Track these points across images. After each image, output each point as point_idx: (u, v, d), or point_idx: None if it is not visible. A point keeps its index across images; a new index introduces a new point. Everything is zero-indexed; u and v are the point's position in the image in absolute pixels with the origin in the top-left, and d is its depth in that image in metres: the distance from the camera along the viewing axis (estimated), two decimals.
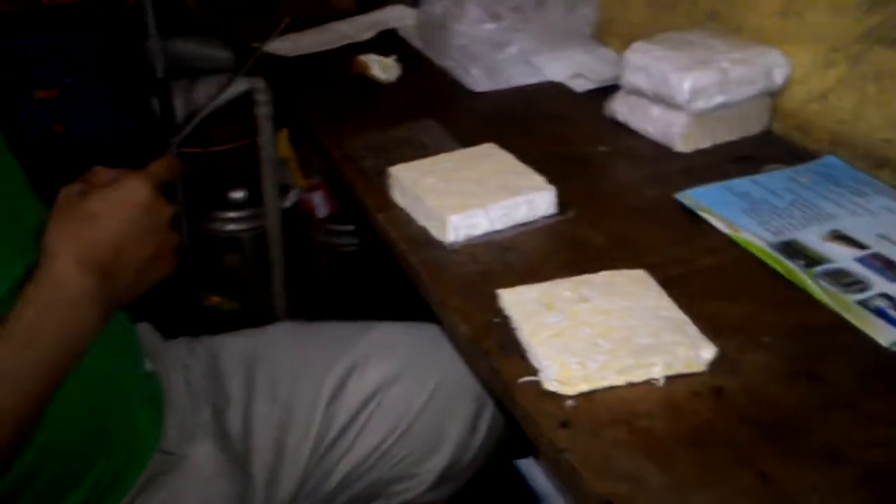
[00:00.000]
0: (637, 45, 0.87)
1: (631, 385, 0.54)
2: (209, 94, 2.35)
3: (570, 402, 0.53)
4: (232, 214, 2.24)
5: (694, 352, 0.55)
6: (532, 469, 1.06)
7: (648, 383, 0.55)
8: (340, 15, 1.34)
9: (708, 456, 0.49)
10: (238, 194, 2.22)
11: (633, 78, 0.87)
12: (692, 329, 0.57)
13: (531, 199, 0.73)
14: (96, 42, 2.25)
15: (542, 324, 0.58)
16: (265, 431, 0.89)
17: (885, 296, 0.62)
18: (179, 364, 0.91)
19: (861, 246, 0.68)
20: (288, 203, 2.03)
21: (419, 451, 0.95)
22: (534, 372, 0.55)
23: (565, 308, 0.59)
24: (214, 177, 2.32)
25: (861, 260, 0.66)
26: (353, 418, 0.93)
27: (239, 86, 2.14)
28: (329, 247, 2.00)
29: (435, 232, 0.72)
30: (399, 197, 0.78)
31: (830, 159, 0.81)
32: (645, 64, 0.85)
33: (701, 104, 0.81)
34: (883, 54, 0.74)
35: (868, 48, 0.75)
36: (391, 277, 1.84)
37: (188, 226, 2.45)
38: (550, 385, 0.54)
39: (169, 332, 0.99)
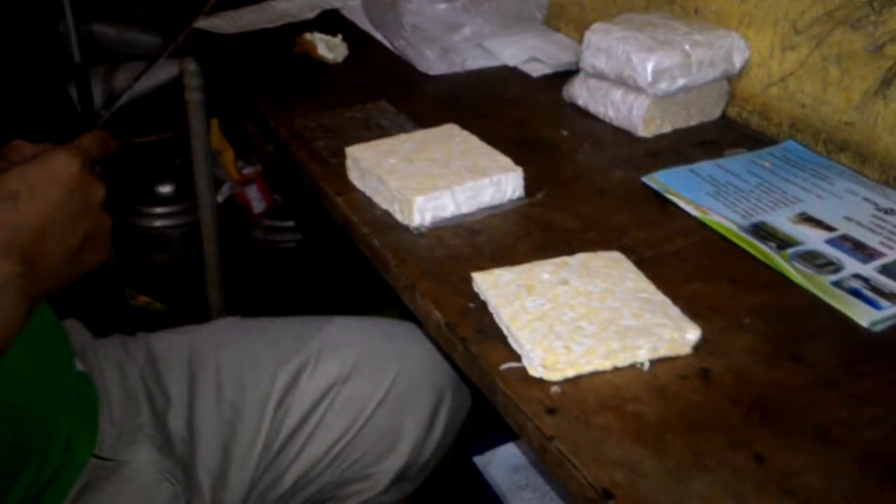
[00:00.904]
0: (598, 26, 0.86)
1: (616, 369, 0.53)
2: (132, 81, 2.26)
3: (555, 389, 0.51)
4: (159, 210, 2.15)
5: (679, 334, 0.53)
6: (489, 465, 1.04)
7: (633, 367, 0.53)
8: None
9: (701, 439, 0.47)
10: (166, 189, 2.14)
11: (593, 60, 0.86)
12: (674, 311, 0.55)
13: (498, 181, 0.71)
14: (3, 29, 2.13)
15: (523, 307, 0.56)
16: (211, 434, 0.84)
17: (859, 276, 0.61)
18: (114, 363, 0.85)
19: (829, 228, 0.67)
20: (220, 197, 1.96)
21: (375, 452, 0.92)
22: (516, 358, 0.53)
23: (546, 291, 0.57)
24: (139, 170, 2.23)
25: (831, 242, 0.66)
26: (305, 419, 0.88)
27: (168, 69, 2.06)
28: (267, 244, 1.94)
29: (399, 215, 0.69)
30: (357, 179, 0.75)
31: (790, 144, 0.81)
32: (606, 45, 0.84)
33: (664, 86, 0.80)
34: (845, 35, 0.74)
35: (830, 30, 0.75)
36: (334, 274, 1.81)
37: (112, 221, 2.34)
38: (535, 371, 0.51)
39: (94, 332, 0.93)
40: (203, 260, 1.77)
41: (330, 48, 1.04)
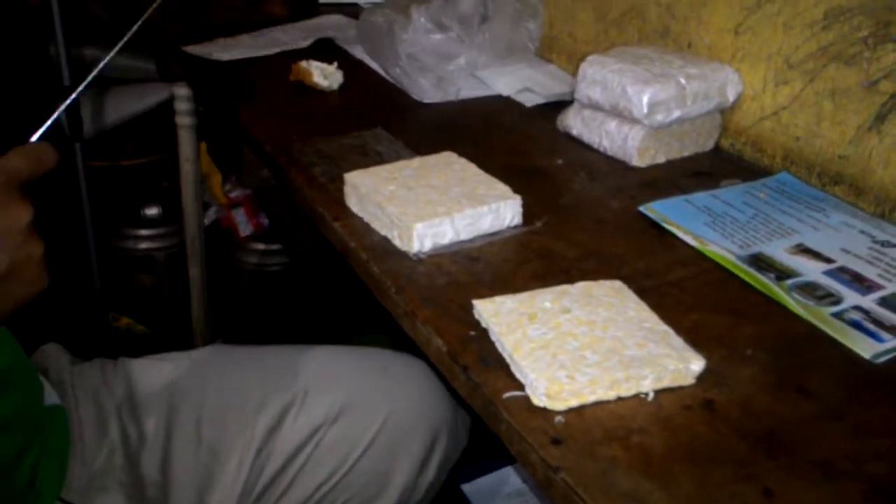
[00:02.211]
0: (593, 58, 0.86)
1: (620, 399, 0.52)
2: (120, 105, 2.26)
3: (559, 419, 0.50)
4: (145, 232, 2.14)
5: (683, 364, 0.53)
6: (478, 493, 1.03)
7: (637, 397, 0.52)
8: (273, 22, 1.29)
9: (708, 472, 0.47)
10: (152, 211, 2.13)
11: (588, 91, 0.86)
12: (677, 341, 0.55)
13: (497, 208, 0.71)
14: None
15: (525, 336, 0.55)
16: (186, 478, 0.80)
17: (859, 308, 0.61)
18: (90, 394, 0.82)
19: (827, 260, 0.68)
20: (207, 220, 1.95)
21: (362, 496, 0.87)
22: (519, 387, 0.53)
23: (548, 319, 0.57)
24: (125, 192, 2.21)
25: (829, 273, 0.66)
26: (289, 462, 0.84)
27: (158, 94, 2.06)
28: (252, 267, 1.93)
29: (398, 241, 0.69)
30: (356, 205, 0.74)
31: (784, 176, 0.81)
32: (602, 77, 0.84)
33: (659, 118, 0.81)
34: (839, 71, 0.75)
35: (824, 66, 0.76)
36: (320, 298, 1.79)
37: (95, 242, 2.33)
38: (539, 400, 0.51)
39: (75, 355, 0.90)
40: (188, 282, 1.76)
41: (325, 76, 1.04)
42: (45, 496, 0.70)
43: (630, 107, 0.82)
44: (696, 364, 0.53)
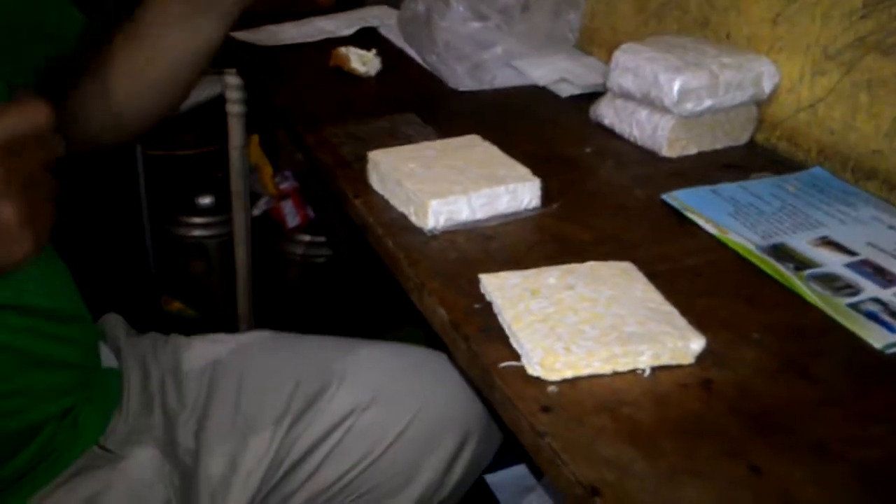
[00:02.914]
0: (627, 46, 0.86)
1: (616, 374, 0.52)
2: None
3: (552, 388, 0.50)
4: (198, 220, 2.19)
5: (683, 343, 0.52)
6: (502, 485, 1.03)
7: (634, 373, 0.52)
8: (320, 12, 1.31)
9: (696, 446, 0.46)
10: (205, 200, 2.18)
11: (620, 79, 0.86)
12: (680, 320, 0.54)
13: (515, 189, 0.71)
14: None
15: (527, 309, 0.55)
16: (219, 443, 0.82)
17: (877, 300, 0.60)
18: (139, 363, 0.86)
19: (851, 252, 0.66)
20: (257, 211, 1.99)
21: (387, 486, 0.87)
22: (516, 357, 0.53)
23: (551, 294, 0.57)
24: (181, 181, 2.27)
25: (851, 266, 0.64)
26: (319, 442, 0.85)
27: (214, 86, 2.10)
28: (299, 258, 1.96)
29: (414, 218, 0.70)
30: (377, 182, 0.75)
31: (817, 170, 0.80)
32: (634, 65, 0.84)
33: (689, 106, 0.80)
34: (877, 62, 0.73)
35: (861, 56, 0.74)
36: (361, 290, 1.81)
37: (151, 229, 2.39)
38: (533, 370, 0.51)
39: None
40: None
41: (363, 62, 1.06)
42: (84, 437, 0.74)
43: (661, 95, 0.81)
44: (696, 343, 0.53)
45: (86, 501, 0.71)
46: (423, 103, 0.99)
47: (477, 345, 0.54)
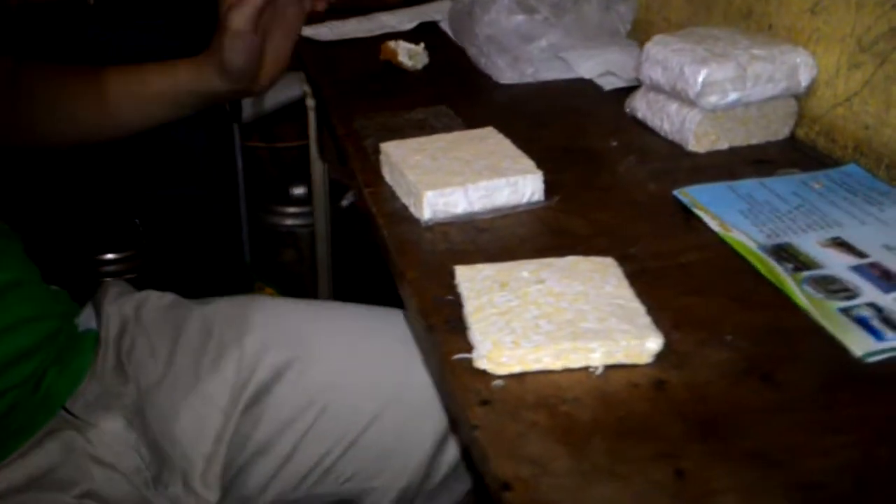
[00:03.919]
0: (658, 38, 0.84)
1: (568, 371, 0.51)
2: (277, 91, 2.39)
3: (497, 382, 0.50)
4: (291, 210, 2.26)
5: (638, 341, 0.51)
6: None
7: (586, 371, 0.51)
8: (385, 7, 1.33)
9: (628, 447, 0.45)
10: (299, 190, 2.25)
11: (650, 72, 0.83)
12: (644, 319, 0.53)
13: (515, 182, 0.70)
14: (170, 36, 2.32)
15: (490, 302, 0.55)
16: (185, 409, 0.81)
17: (873, 305, 0.56)
18: (121, 323, 0.86)
19: (861, 255, 0.62)
20: (346, 202, 2.03)
21: (370, 470, 0.85)
22: (471, 349, 0.52)
23: (518, 288, 0.56)
24: (279, 172, 2.35)
25: (857, 268, 0.61)
26: (290, 423, 0.83)
27: (298, 86, 2.17)
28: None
29: (413, 209, 0.70)
30: (388, 174, 0.76)
31: (852, 167, 0.75)
32: (663, 57, 0.81)
33: (713, 99, 0.77)
34: None
35: (894, 48, 0.69)
36: None
37: (248, 217, 2.49)
38: (481, 363, 0.51)
39: None
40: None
41: (410, 56, 1.07)
42: (50, 404, 0.76)
43: (686, 87, 0.78)
44: (653, 342, 0.51)
45: (46, 471, 0.72)
46: (463, 96, 0.99)
47: (439, 335, 0.55)
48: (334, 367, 0.85)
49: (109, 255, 2.21)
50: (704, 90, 0.76)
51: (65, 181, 2.09)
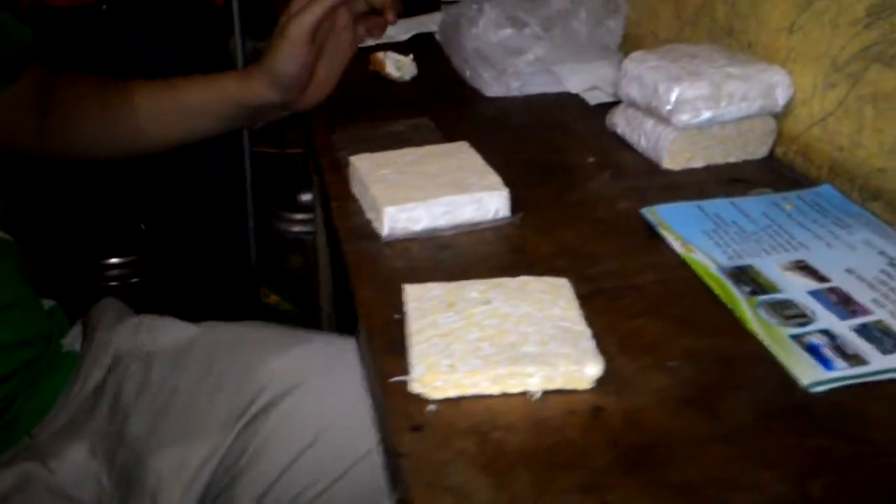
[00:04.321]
0: (636, 55, 0.83)
1: (505, 395, 0.50)
2: None
3: (431, 407, 0.49)
4: (298, 216, 2.26)
5: (577, 367, 0.50)
6: None
7: (524, 396, 0.50)
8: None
9: (554, 477, 0.44)
10: (306, 197, 2.25)
11: (628, 88, 0.83)
12: (587, 343, 0.52)
13: (480, 199, 0.70)
14: (180, 39, 2.34)
15: (433, 322, 0.54)
16: (170, 439, 0.79)
17: (827, 332, 0.55)
18: (105, 346, 0.85)
19: (823, 279, 0.61)
20: None
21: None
22: (408, 372, 0.52)
23: (464, 309, 0.56)
24: (287, 178, 2.35)
25: (816, 293, 0.59)
26: (277, 456, 0.79)
27: None
28: None
29: (376, 224, 0.70)
30: (356, 187, 0.76)
31: (826, 188, 0.74)
32: (639, 74, 0.81)
33: (686, 117, 0.76)
34: (880, 74, 0.67)
35: (866, 67, 0.68)
36: None
37: (254, 223, 2.49)
38: (414, 386, 0.50)
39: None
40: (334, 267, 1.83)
41: (398, 67, 1.07)
42: (14, 432, 0.76)
43: (660, 105, 0.78)
44: (593, 368, 0.50)
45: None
46: (449, 108, 0.99)
47: (380, 357, 0.54)
48: (329, 401, 0.82)
49: (114, 260, 2.23)
50: (677, 108, 0.75)
51: (70, 186, 2.11)
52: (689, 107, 0.76)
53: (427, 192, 0.69)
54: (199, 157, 2.31)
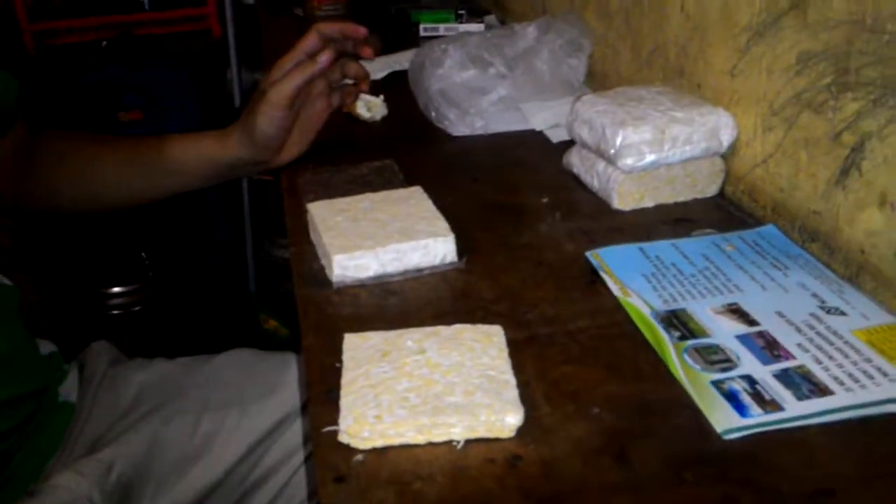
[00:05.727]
0: (587, 98, 0.85)
1: (431, 445, 0.52)
2: None
3: (358, 457, 0.52)
4: None
5: (497, 416, 0.52)
6: None
7: (450, 445, 0.52)
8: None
9: None
10: None
11: (579, 130, 0.85)
12: (510, 393, 0.54)
13: (426, 246, 0.72)
14: (180, 71, 2.38)
15: (366, 373, 0.57)
16: (163, 476, 0.84)
17: (748, 377, 0.57)
18: (94, 393, 0.89)
19: (752, 322, 0.63)
20: None
21: None
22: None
23: (398, 359, 0.58)
24: (281, 204, 2.38)
25: (743, 337, 0.61)
26: (273, 475, 0.85)
27: None
28: None
29: (328, 271, 0.72)
30: (313, 233, 0.78)
31: (769, 229, 0.76)
32: (589, 117, 0.83)
33: (630, 161, 0.78)
34: (810, 120, 0.69)
35: (799, 112, 0.70)
36: None
37: (253, 249, 2.52)
38: (343, 437, 0.52)
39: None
40: None
41: (368, 108, 1.10)
42: (14, 486, 0.77)
43: (607, 148, 0.80)
44: (513, 417, 0.52)
45: None
46: (416, 148, 1.01)
47: (317, 406, 0.56)
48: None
49: (117, 289, 2.27)
50: (621, 152, 0.78)
51: (73, 217, 2.15)
52: (633, 150, 0.78)
53: (376, 241, 0.72)
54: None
